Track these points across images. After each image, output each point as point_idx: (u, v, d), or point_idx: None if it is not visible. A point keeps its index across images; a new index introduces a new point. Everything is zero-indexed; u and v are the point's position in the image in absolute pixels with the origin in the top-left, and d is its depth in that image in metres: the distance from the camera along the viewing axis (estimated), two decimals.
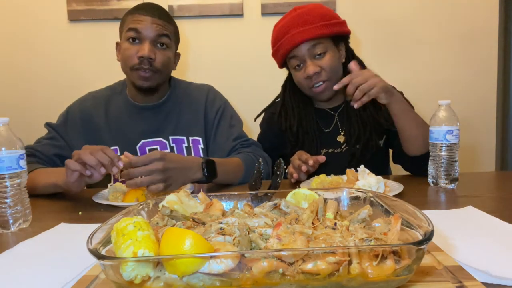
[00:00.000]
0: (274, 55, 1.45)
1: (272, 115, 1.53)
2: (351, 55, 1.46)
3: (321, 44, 1.34)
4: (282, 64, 1.46)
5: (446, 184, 1.13)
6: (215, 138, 1.44)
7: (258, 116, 1.60)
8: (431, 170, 1.16)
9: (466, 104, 2.12)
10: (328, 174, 1.19)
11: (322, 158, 1.29)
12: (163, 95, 1.44)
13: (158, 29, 1.28)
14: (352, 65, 1.28)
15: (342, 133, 1.46)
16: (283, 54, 1.38)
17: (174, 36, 1.37)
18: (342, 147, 1.45)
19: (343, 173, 1.19)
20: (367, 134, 1.41)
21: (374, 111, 1.41)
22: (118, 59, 1.37)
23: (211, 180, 1.19)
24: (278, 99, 1.56)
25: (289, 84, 1.51)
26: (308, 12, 1.35)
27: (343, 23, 1.39)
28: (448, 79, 2.12)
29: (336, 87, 1.28)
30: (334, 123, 1.48)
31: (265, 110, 1.59)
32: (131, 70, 1.31)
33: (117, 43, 1.39)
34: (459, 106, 2.09)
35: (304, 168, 1.23)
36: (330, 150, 1.45)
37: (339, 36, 1.40)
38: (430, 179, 1.17)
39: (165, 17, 1.32)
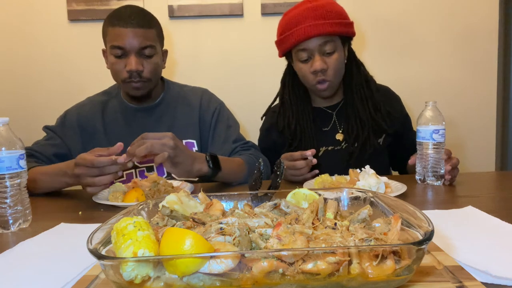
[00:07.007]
0: (280, 43, 1.42)
1: (273, 114, 1.54)
2: (352, 56, 1.46)
3: (332, 43, 1.34)
4: (285, 53, 1.44)
5: (432, 181, 1.16)
6: (213, 140, 1.44)
7: (265, 114, 1.60)
8: (418, 168, 1.19)
9: (466, 104, 2.13)
10: (329, 172, 1.19)
11: (312, 151, 1.26)
12: (157, 97, 1.46)
13: (140, 41, 1.28)
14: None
15: (341, 131, 1.46)
16: (292, 44, 1.35)
17: (158, 38, 1.36)
18: (342, 144, 1.45)
19: (345, 171, 1.19)
20: (365, 133, 1.41)
21: (373, 111, 1.43)
22: (107, 67, 1.37)
23: (215, 173, 1.20)
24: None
25: (288, 79, 1.50)
26: (323, 6, 1.33)
27: (352, 24, 1.40)
28: (448, 79, 2.12)
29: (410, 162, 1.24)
30: (332, 121, 1.48)
31: (269, 106, 1.59)
32: (123, 82, 1.33)
33: (103, 50, 1.39)
34: (459, 106, 2.12)
35: (310, 161, 1.23)
36: (329, 148, 1.45)
37: (347, 37, 1.41)
38: (417, 177, 1.19)
39: (145, 24, 1.29)
